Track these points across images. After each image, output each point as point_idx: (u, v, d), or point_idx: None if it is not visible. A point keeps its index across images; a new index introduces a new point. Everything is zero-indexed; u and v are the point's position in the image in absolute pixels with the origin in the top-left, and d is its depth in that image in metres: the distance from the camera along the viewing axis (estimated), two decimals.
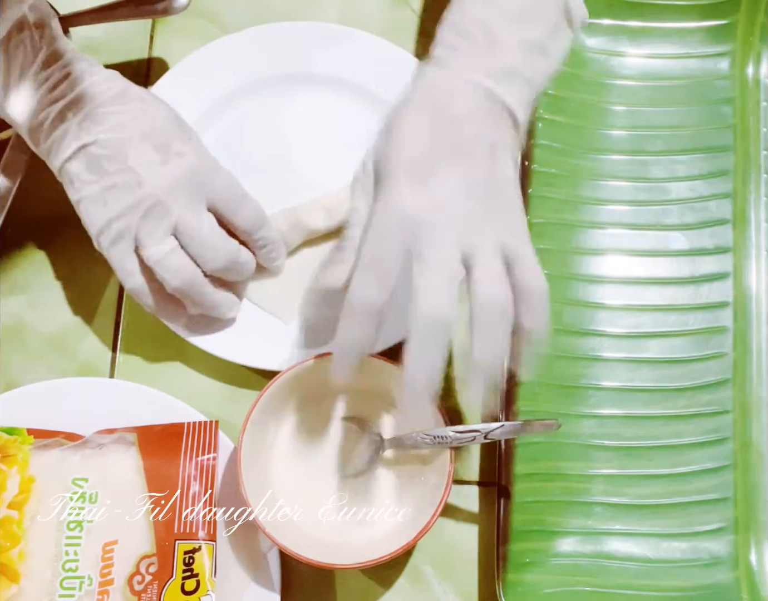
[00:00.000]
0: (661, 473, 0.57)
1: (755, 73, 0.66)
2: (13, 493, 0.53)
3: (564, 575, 0.55)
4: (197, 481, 0.54)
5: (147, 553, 0.52)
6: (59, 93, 0.55)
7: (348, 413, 0.57)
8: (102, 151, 0.54)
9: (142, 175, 0.54)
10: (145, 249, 0.54)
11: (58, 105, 0.54)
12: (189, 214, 0.55)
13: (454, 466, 0.52)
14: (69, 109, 0.54)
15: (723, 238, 0.62)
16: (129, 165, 0.54)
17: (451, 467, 0.52)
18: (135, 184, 0.54)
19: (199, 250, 0.55)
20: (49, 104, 0.54)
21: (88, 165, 0.54)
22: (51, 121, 0.54)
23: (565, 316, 0.60)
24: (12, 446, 0.54)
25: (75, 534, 0.53)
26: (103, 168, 0.54)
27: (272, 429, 0.56)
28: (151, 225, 0.54)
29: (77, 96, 0.54)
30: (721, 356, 0.60)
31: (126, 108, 0.55)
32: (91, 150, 0.54)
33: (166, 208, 0.54)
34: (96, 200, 0.54)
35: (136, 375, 0.61)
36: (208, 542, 0.52)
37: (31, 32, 0.55)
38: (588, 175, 0.63)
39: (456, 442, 0.52)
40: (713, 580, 0.55)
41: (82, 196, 0.55)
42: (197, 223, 0.55)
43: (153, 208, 0.54)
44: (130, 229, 0.54)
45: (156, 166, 0.54)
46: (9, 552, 0.51)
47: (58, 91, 0.55)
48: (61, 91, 0.55)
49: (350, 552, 0.52)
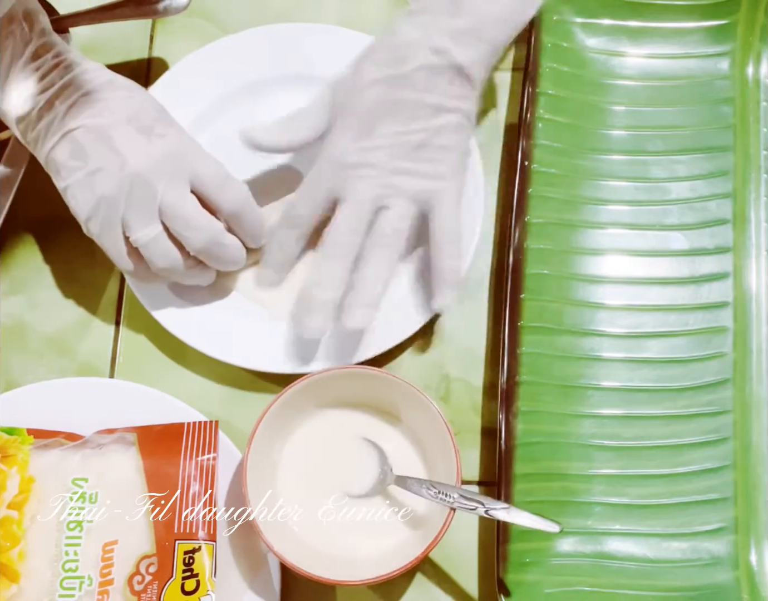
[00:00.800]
0: (661, 473, 0.57)
1: (755, 73, 0.66)
2: (13, 493, 0.53)
3: (564, 575, 0.55)
4: (197, 481, 0.54)
5: (147, 553, 0.52)
6: (48, 82, 0.55)
7: (367, 434, 0.56)
8: (86, 135, 0.54)
9: (125, 156, 0.54)
10: (132, 233, 0.54)
11: (47, 94, 0.54)
12: (172, 193, 0.54)
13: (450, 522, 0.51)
14: (57, 97, 0.54)
15: (723, 238, 0.62)
16: (113, 148, 0.54)
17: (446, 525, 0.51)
18: (119, 166, 0.54)
19: (182, 230, 0.55)
20: (37, 94, 0.55)
21: (72, 151, 0.54)
22: (38, 111, 0.54)
23: (565, 316, 0.60)
24: (12, 446, 0.54)
25: (75, 534, 0.53)
26: (87, 153, 0.54)
27: (282, 435, 0.56)
28: (136, 208, 0.54)
29: (65, 84, 0.55)
30: (721, 356, 0.60)
31: (113, 95, 0.55)
32: (75, 135, 0.54)
33: (151, 187, 0.54)
34: (82, 186, 0.54)
35: (136, 375, 0.61)
36: (208, 542, 0.52)
37: (20, 24, 0.55)
38: (588, 175, 0.63)
39: (457, 505, 0.51)
40: (713, 580, 0.55)
41: (68, 183, 0.55)
42: (180, 202, 0.55)
43: (137, 189, 0.54)
44: (118, 213, 0.54)
45: (139, 147, 0.54)
46: (9, 552, 0.51)
47: (47, 80, 0.55)
48: (50, 81, 0.55)
49: (352, 567, 0.52)
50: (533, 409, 0.58)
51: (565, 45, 0.66)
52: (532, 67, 0.64)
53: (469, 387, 0.61)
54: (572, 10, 0.66)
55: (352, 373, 0.55)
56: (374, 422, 0.57)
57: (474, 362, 0.61)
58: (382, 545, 0.54)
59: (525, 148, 0.62)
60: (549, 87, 0.64)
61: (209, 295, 0.61)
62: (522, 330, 0.59)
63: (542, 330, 0.59)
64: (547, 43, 0.65)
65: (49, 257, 0.64)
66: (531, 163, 0.62)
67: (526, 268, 0.60)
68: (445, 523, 0.51)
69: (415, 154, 0.55)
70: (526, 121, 0.63)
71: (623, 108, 0.65)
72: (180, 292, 0.60)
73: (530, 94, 0.63)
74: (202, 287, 0.60)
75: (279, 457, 0.56)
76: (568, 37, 0.66)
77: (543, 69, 0.64)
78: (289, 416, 0.55)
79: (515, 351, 0.58)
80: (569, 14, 0.66)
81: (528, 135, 0.63)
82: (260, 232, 0.59)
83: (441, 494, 0.52)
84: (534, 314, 0.59)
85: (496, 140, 0.66)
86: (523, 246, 0.60)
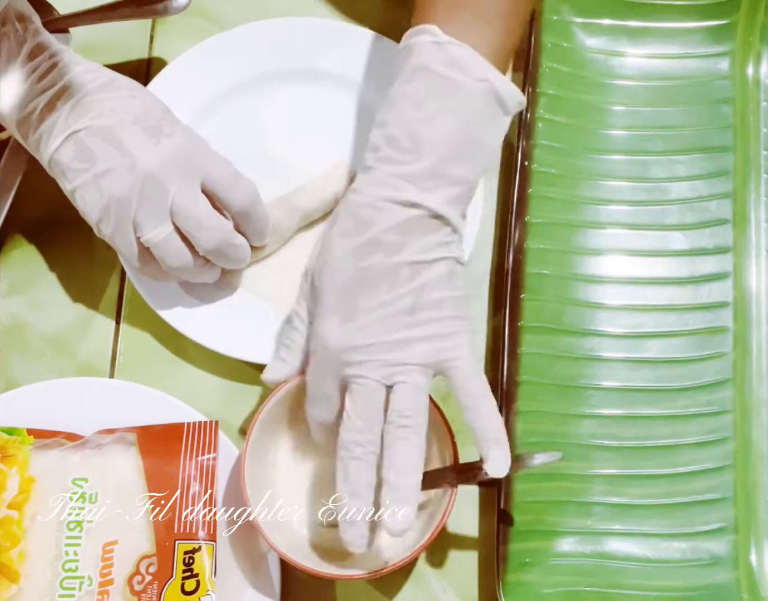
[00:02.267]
0: (661, 473, 0.57)
1: (755, 73, 0.65)
2: (13, 493, 0.53)
3: (564, 575, 0.55)
4: (197, 481, 0.54)
5: (147, 553, 0.52)
6: (47, 82, 0.54)
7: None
8: (93, 137, 0.54)
9: (135, 156, 0.53)
10: (144, 233, 0.54)
11: (47, 94, 0.54)
12: (184, 194, 0.54)
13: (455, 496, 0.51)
14: (58, 98, 0.54)
15: (723, 238, 0.62)
16: (121, 149, 0.54)
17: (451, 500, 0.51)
18: (128, 167, 0.53)
19: (194, 230, 0.55)
20: (37, 94, 0.54)
21: (77, 153, 0.54)
22: (40, 112, 0.54)
23: (565, 316, 0.60)
24: (12, 446, 0.54)
25: (75, 534, 0.53)
26: (94, 154, 0.54)
27: (280, 432, 0.56)
28: (148, 208, 0.54)
29: (66, 84, 0.54)
30: (721, 356, 0.60)
31: (115, 95, 0.55)
32: (80, 136, 0.54)
33: (162, 187, 0.54)
34: (90, 188, 0.54)
35: (136, 375, 0.61)
36: (208, 542, 0.52)
37: (14, 25, 0.54)
38: (588, 175, 0.63)
39: (457, 481, 0.51)
40: (713, 580, 0.55)
41: (75, 185, 0.54)
42: (192, 203, 0.55)
43: (149, 189, 0.53)
44: (129, 214, 0.54)
45: (148, 147, 0.54)
46: (9, 552, 0.51)
47: (46, 80, 0.54)
48: (49, 81, 0.54)
49: (354, 562, 0.52)
50: (533, 409, 0.58)
51: (565, 45, 0.66)
52: (532, 67, 0.64)
53: None
54: (572, 10, 0.66)
55: None
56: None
57: None
58: (384, 540, 0.54)
59: (525, 148, 0.62)
60: (549, 87, 0.64)
61: (212, 290, 0.61)
62: (522, 330, 0.59)
63: (542, 330, 0.59)
64: (547, 43, 0.65)
65: (49, 257, 0.64)
66: (531, 163, 0.62)
67: (526, 268, 0.60)
68: (449, 504, 0.51)
69: (410, 319, 0.50)
70: (526, 121, 0.63)
71: (623, 108, 0.65)
72: (182, 288, 0.60)
73: (530, 94, 0.63)
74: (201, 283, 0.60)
75: (276, 455, 0.56)
76: (568, 37, 0.66)
77: (543, 69, 0.64)
78: (288, 413, 0.55)
79: (515, 351, 0.58)
80: (569, 14, 0.66)
81: (528, 135, 0.63)
82: (266, 230, 0.59)
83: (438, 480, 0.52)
84: (534, 314, 0.59)
85: None
86: (523, 246, 0.60)
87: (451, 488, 0.51)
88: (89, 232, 0.56)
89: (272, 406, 0.53)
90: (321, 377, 0.51)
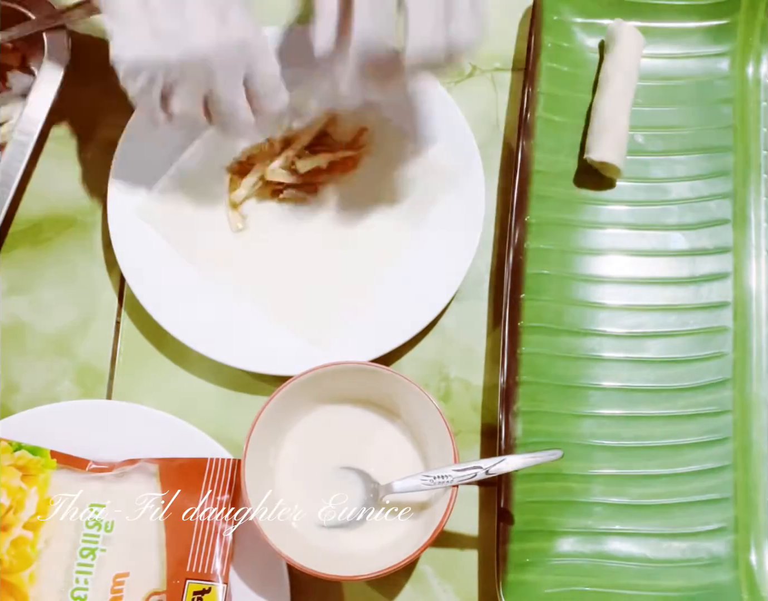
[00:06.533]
0: (661, 473, 0.57)
1: (755, 73, 0.66)
2: (30, 513, 0.52)
3: (564, 575, 0.55)
4: (215, 519, 0.53)
5: (156, 589, 0.51)
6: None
7: (347, 462, 0.56)
8: None
9: (192, 33, 0.51)
10: (172, 103, 0.53)
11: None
12: (226, 90, 0.53)
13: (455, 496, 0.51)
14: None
15: (723, 238, 0.62)
16: (182, 18, 0.51)
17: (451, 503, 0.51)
18: (182, 38, 0.51)
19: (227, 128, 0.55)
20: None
21: (144, 2, 0.51)
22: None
23: (565, 316, 0.60)
24: (34, 467, 0.54)
25: (87, 562, 0.52)
26: (156, 11, 0.51)
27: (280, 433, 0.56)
28: (186, 88, 0.52)
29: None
30: (721, 356, 0.60)
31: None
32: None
33: (205, 73, 0.52)
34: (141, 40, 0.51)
35: (136, 375, 0.61)
36: (219, 583, 0.51)
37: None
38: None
39: (457, 481, 0.51)
40: (713, 580, 0.55)
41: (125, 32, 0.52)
42: (231, 104, 0.54)
43: (192, 71, 0.52)
44: (164, 84, 0.52)
45: (208, 29, 0.52)
46: (21, 573, 0.51)
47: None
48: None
49: (353, 563, 0.52)
50: (533, 409, 0.58)
51: (565, 45, 0.66)
52: (532, 67, 0.64)
53: (469, 387, 0.61)
54: (572, 10, 0.66)
55: (347, 369, 0.54)
56: (372, 418, 0.57)
57: (474, 362, 0.61)
58: (386, 540, 0.54)
59: (525, 148, 0.62)
60: (549, 87, 0.64)
61: (209, 297, 0.61)
62: (522, 330, 0.59)
63: (542, 330, 0.59)
64: (546, 43, 0.65)
65: (49, 257, 0.64)
66: (531, 163, 0.62)
67: (526, 268, 0.60)
68: (449, 504, 0.51)
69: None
70: (526, 120, 0.63)
71: None
72: (180, 294, 0.60)
73: (530, 94, 0.63)
74: (200, 290, 0.60)
75: (277, 456, 0.56)
76: (568, 37, 0.66)
77: (543, 69, 0.64)
78: (287, 413, 0.55)
79: (515, 351, 0.58)
80: (569, 14, 0.66)
81: (528, 135, 0.63)
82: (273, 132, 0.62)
83: (437, 478, 0.52)
84: (534, 314, 0.59)
85: (496, 140, 0.66)
86: (523, 246, 0.60)
87: (453, 489, 0.51)
88: (89, 232, 0.56)
89: (272, 406, 0.53)
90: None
